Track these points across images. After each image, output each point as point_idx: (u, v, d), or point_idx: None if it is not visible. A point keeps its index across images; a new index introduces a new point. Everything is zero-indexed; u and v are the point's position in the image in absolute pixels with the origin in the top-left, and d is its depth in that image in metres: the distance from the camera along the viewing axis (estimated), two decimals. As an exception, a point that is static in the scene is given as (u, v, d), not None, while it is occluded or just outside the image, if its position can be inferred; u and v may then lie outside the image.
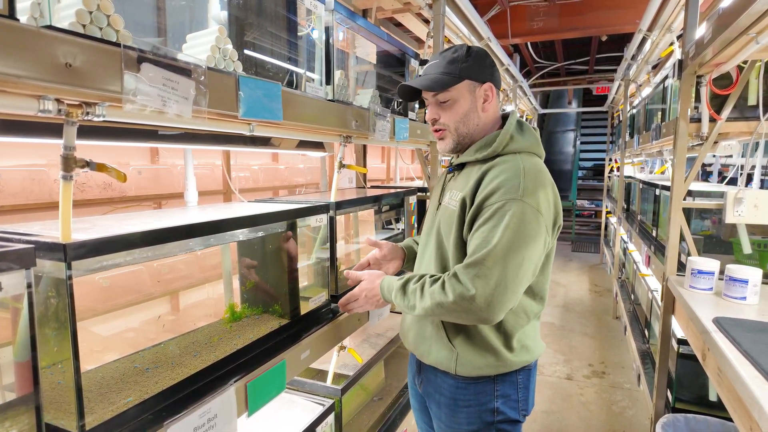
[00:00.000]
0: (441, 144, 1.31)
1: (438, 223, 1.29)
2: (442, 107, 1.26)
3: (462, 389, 1.26)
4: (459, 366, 1.23)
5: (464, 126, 1.27)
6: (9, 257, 0.67)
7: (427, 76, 1.25)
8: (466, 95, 1.24)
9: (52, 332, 0.84)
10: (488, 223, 1.11)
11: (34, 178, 1.70)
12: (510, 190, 1.11)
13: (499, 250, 1.08)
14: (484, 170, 1.19)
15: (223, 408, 0.97)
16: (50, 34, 0.64)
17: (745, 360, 1.18)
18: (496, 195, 1.12)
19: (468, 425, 1.26)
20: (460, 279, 1.10)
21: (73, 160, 0.75)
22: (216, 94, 0.92)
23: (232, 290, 1.48)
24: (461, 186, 1.24)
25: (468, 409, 1.26)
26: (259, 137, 1.47)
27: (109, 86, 0.72)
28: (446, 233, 1.24)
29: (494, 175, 1.16)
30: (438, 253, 1.28)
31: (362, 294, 1.33)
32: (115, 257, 0.83)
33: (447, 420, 1.29)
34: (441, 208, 1.31)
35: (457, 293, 1.09)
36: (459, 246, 1.21)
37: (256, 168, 2.73)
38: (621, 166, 5.36)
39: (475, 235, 1.13)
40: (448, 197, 1.28)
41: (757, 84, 1.92)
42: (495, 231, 1.09)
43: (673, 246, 2.06)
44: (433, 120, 1.29)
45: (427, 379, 1.35)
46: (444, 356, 1.25)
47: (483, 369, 1.23)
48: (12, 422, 0.77)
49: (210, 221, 1.02)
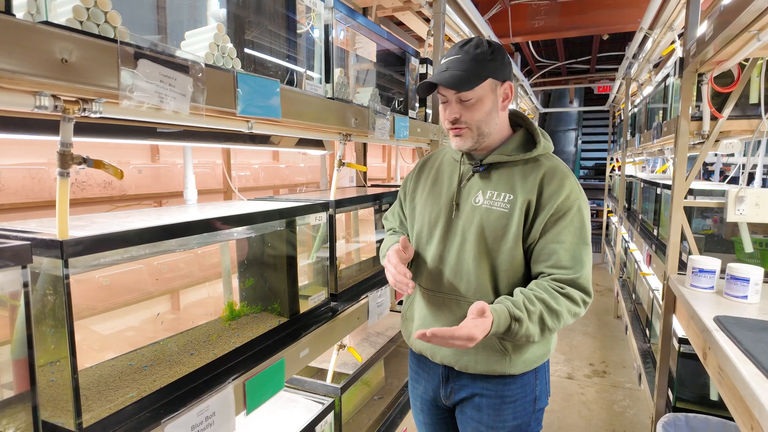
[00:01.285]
0: (459, 141, 1.24)
1: (476, 225, 1.21)
2: (465, 105, 1.20)
3: (509, 385, 1.25)
4: (511, 366, 1.22)
5: (486, 125, 1.22)
6: (5, 254, 0.66)
7: (452, 73, 1.16)
8: (489, 94, 1.20)
9: (49, 330, 0.84)
10: (572, 226, 1.17)
11: (34, 176, 1.70)
12: (577, 190, 1.20)
13: (587, 249, 1.18)
14: (543, 171, 1.21)
15: (222, 406, 0.97)
16: (46, 29, 0.63)
17: (746, 359, 1.17)
18: (572, 197, 1.18)
19: (513, 420, 1.26)
20: (581, 287, 1.16)
21: (70, 156, 0.75)
22: (214, 90, 0.92)
23: (231, 288, 1.48)
24: (506, 186, 1.21)
25: (514, 404, 1.25)
26: (258, 135, 1.47)
27: (105, 82, 0.72)
28: (496, 236, 1.19)
29: (561, 177, 1.20)
30: (482, 257, 1.20)
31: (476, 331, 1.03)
32: (112, 254, 0.83)
33: (490, 420, 1.26)
34: (472, 208, 1.23)
35: (583, 302, 1.16)
36: (517, 248, 1.19)
37: (257, 167, 2.73)
38: (622, 165, 5.35)
39: (562, 239, 1.16)
40: (486, 198, 1.22)
41: (758, 82, 1.91)
42: (583, 234, 1.18)
43: (674, 245, 2.05)
44: (454, 119, 1.22)
45: (461, 387, 1.29)
46: (496, 362, 1.22)
47: (533, 363, 1.25)
48: (9, 420, 0.76)
49: (207, 219, 1.02)
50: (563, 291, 1.13)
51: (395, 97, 2.16)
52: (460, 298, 1.23)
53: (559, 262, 1.15)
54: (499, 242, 1.19)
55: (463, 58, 1.18)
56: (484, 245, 1.20)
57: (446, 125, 1.26)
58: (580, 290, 1.15)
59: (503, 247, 1.19)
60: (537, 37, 5.04)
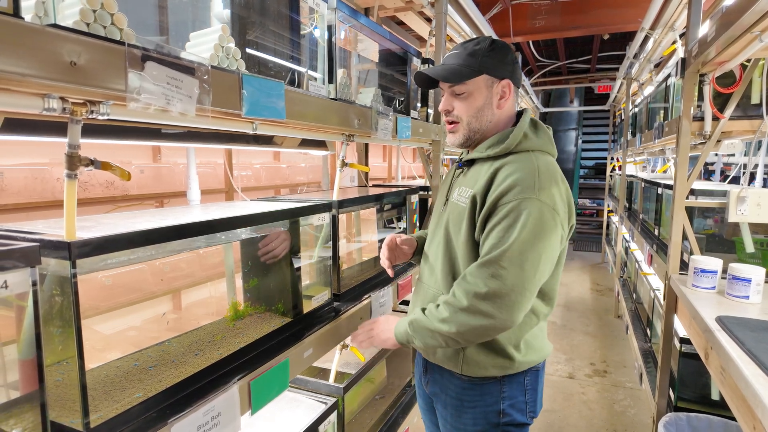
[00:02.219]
0: (451, 137, 1.29)
1: (446, 219, 1.27)
2: (457, 99, 1.23)
3: (468, 390, 1.25)
4: (465, 365, 1.23)
5: (477, 121, 1.24)
6: (14, 255, 0.67)
7: (445, 66, 1.22)
8: (482, 89, 1.21)
9: (56, 330, 0.85)
10: (503, 222, 1.08)
11: (36, 176, 1.71)
12: (525, 188, 1.08)
13: (516, 249, 1.05)
14: (496, 167, 1.16)
15: (227, 406, 0.97)
16: (55, 32, 0.64)
17: (748, 358, 1.18)
18: (511, 193, 1.09)
19: (473, 426, 1.26)
20: (468, 279, 1.09)
21: (78, 158, 0.75)
22: (219, 92, 0.92)
23: (234, 288, 1.49)
24: (471, 183, 1.22)
25: (474, 410, 1.25)
26: (261, 136, 1.47)
27: (113, 84, 0.72)
28: (455, 230, 1.23)
29: (507, 173, 1.13)
30: (446, 250, 1.26)
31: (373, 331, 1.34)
32: (119, 255, 0.83)
33: (453, 420, 1.29)
34: (449, 204, 1.29)
35: (469, 293, 1.07)
36: (469, 244, 1.18)
37: (258, 167, 2.74)
38: (623, 165, 5.35)
39: (490, 235, 1.10)
40: (457, 194, 1.26)
41: (760, 82, 1.91)
42: (511, 230, 1.07)
43: (675, 245, 2.05)
44: (446, 111, 1.26)
45: (433, 380, 1.35)
46: (450, 354, 1.25)
47: (489, 369, 1.22)
48: (17, 420, 0.77)
49: (215, 219, 1.02)
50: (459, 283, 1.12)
51: (396, 97, 2.16)
52: (429, 287, 1.32)
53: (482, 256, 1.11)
54: (457, 236, 1.22)
55: (461, 54, 1.21)
56: (448, 238, 1.25)
57: (443, 118, 1.30)
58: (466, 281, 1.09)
59: (459, 240, 1.21)
60: (538, 36, 5.04)
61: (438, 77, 1.22)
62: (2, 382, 0.78)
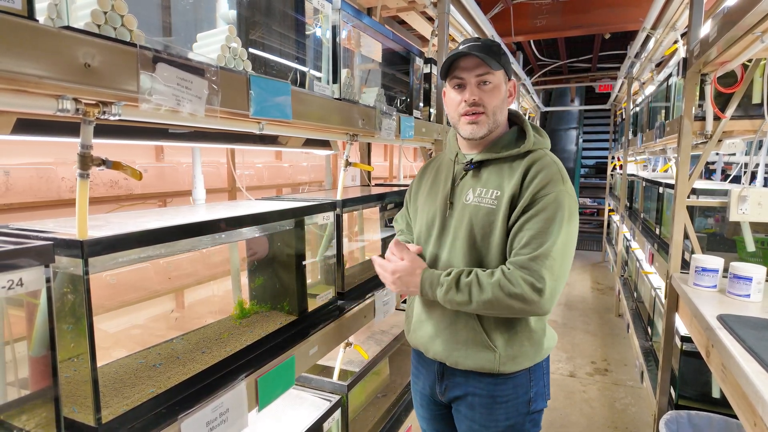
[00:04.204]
0: (474, 128, 1.22)
1: (467, 222, 1.22)
2: (483, 89, 1.21)
3: (500, 385, 1.24)
4: (501, 365, 1.22)
5: (501, 114, 1.24)
6: (29, 254, 0.68)
7: (481, 53, 1.17)
8: (502, 84, 1.24)
9: (67, 327, 0.86)
10: (542, 214, 1.13)
11: (42, 176, 1.72)
12: (558, 182, 1.16)
13: (561, 243, 1.12)
14: (525, 166, 1.19)
15: (235, 402, 0.98)
16: (71, 35, 0.65)
17: (749, 356, 1.19)
18: (548, 187, 1.14)
19: (506, 420, 1.25)
20: (530, 270, 1.10)
21: (90, 158, 0.76)
22: (228, 93, 0.94)
23: (240, 287, 1.50)
24: (494, 183, 1.22)
25: (506, 404, 1.25)
26: (266, 135, 1.48)
27: (125, 86, 0.73)
28: (484, 233, 1.20)
29: (539, 169, 1.18)
30: (471, 253, 1.22)
31: (398, 273, 1.25)
32: (129, 254, 0.84)
33: (483, 419, 1.26)
34: (462, 207, 1.25)
35: (528, 283, 1.09)
36: (504, 244, 1.18)
37: (260, 166, 2.75)
38: (624, 164, 5.36)
39: (528, 226, 1.13)
40: (474, 195, 1.23)
41: (761, 82, 1.92)
42: (553, 223, 1.12)
43: (677, 244, 2.06)
44: (473, 101, 1.20)
45: (455, 384, 1.30)
46: (485, 358, 1.22)
47: (524, 362, 1.23)
48: (29, 416, 0.78)
49: (224, 218, 1.04)
50: (505, 271, 1.12)
51: (398, 96, 2.17)
52: None
53: (520, 246, 1.13)
54: (488, 239, 1.20)
55: (481, 45, 1.19)
56: (473, 242, 1.22)
57: (461, 110, 1.23)
58: (529, 272, 1.10)
59: (492, 243, 1.19)
60: (539, 36, 5.05)
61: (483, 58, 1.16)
62: (14, 379, 0.80)
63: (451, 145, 1.37)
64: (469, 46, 1.19)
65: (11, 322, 0.78)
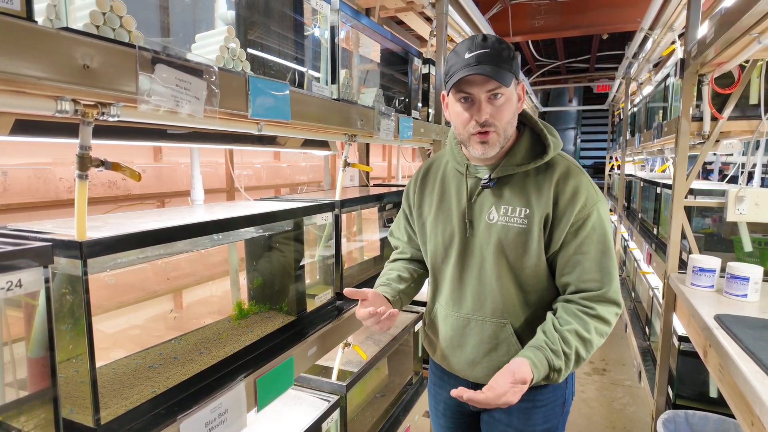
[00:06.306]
0: (485, 148, 1.12)
1: (494, 243, 1.16)
2: (495, 105, 1.09)
3: (540, 388, 1.22)
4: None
5: (511, 128, 1.14)
6: (28, 255, 0.68)
7: (491, 67, 1.04)
8: (513, 93, 1.13)
9: (66, 327, 0.86)
10: (594, 236, 1.12)
11: (39, 176, 1.72)
12: (593, 194, 1.15)
13: (612, 255, 1.14)
14: (555, 181, 1.14)
15: (234, 403, 0.98)
16: (70, 36, 0.65)
17: (746, 356, 1.19)
18: (589, 204, 1.13)
19: (543, 423, 1.24)
20: (611, 301, 1.13)
21: (89, 159, 0.76)
22: (226, 94, 0.93)
23: (239, 287, 1.50)
24: (520, 201, 1.15)
25: (545, 407, 1.24)
26: (265, 136, 1.48)
27: (124, 87, 0.73)
28: (517, 254, 1.15)
29: (574, 185, 1.13)
30: (508, 276, 1.17)
31: (507, 394, 1.02)
32: (128, 255, 0.84)
33: (520, 424, 1.24)
34: (487, 226, 1.17)
35: (614, 314, 1.14)
36: (542, 265, 1.15)
37: (259, 166, 2.75)
38: (622, 164, 5.37)
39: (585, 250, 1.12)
40: (500, 214, 1.16)
41: (758, 83, 1.93)
42: (605, 239, 1.13)
43: (674, 244, 2.07)
44: (485, 121, 1.09)
45: None
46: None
47: None
48: (27, 417, 0.78)
49: (223, 219, 1.03)
50: (593, 313, 1.11)
51: (396, 97, 2.17)
52: (486, 319, 1.20)
53: (584, 275, 1.12)
54: (522, 259, 1.15)
55: (492, 53, 1.06)
56: (506, 264, 1.16)
57: (471, 129, 1.11)
58: (611, 303, 1.13)
59: (527, 263, 1.15)
60: (537, 36, 5.06)
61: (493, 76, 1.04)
62: (13, 380, 0.80)
63: (456, 155, 1.25)
64: (478, 56, 1.05)
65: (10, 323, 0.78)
